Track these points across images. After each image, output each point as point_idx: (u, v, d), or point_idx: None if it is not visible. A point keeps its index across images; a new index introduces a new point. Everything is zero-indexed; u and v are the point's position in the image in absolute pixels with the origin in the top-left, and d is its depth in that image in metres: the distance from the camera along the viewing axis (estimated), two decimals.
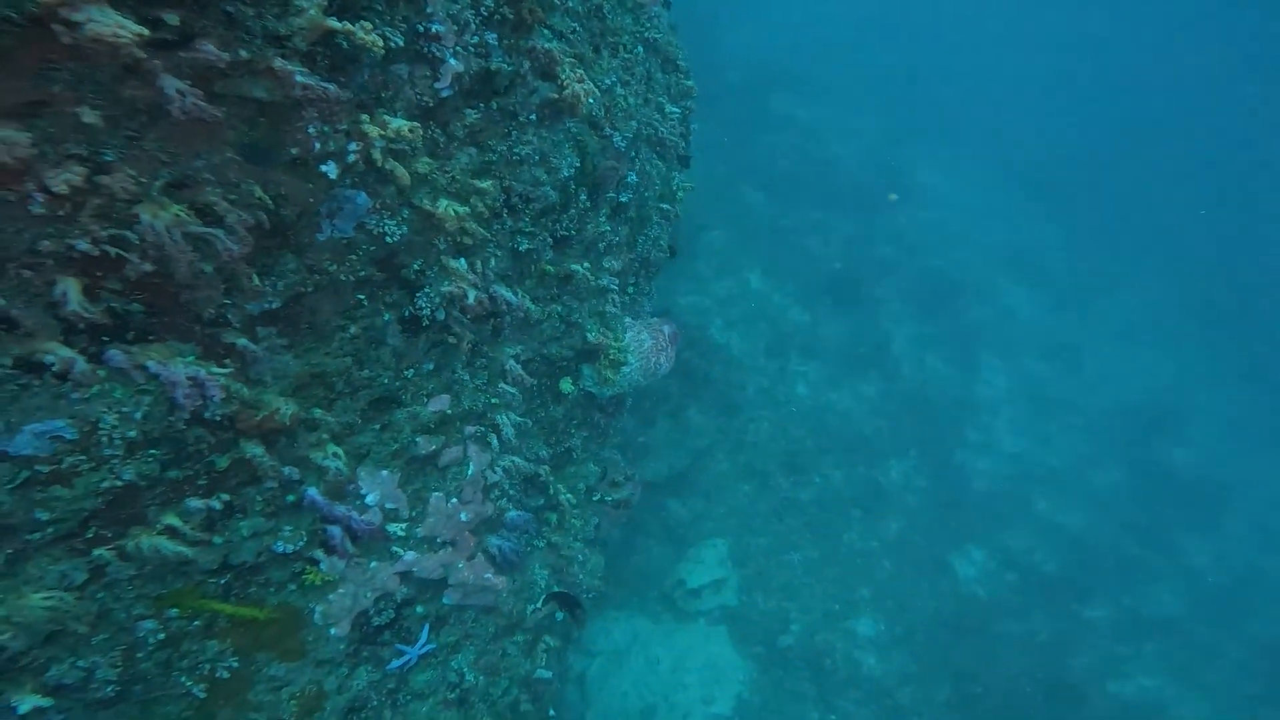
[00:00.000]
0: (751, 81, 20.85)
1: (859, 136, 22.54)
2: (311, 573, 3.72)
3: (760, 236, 17.15)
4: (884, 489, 15.55)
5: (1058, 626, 13.94)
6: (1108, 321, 21.71)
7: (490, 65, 3.85)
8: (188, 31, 2.43)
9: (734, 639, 12.49)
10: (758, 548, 13.85)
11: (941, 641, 13.20)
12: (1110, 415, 18.99)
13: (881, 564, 14.32)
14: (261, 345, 3.22)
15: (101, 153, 2.37)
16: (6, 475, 2.51)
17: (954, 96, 27.11)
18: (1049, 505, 16.64)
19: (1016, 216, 23.54)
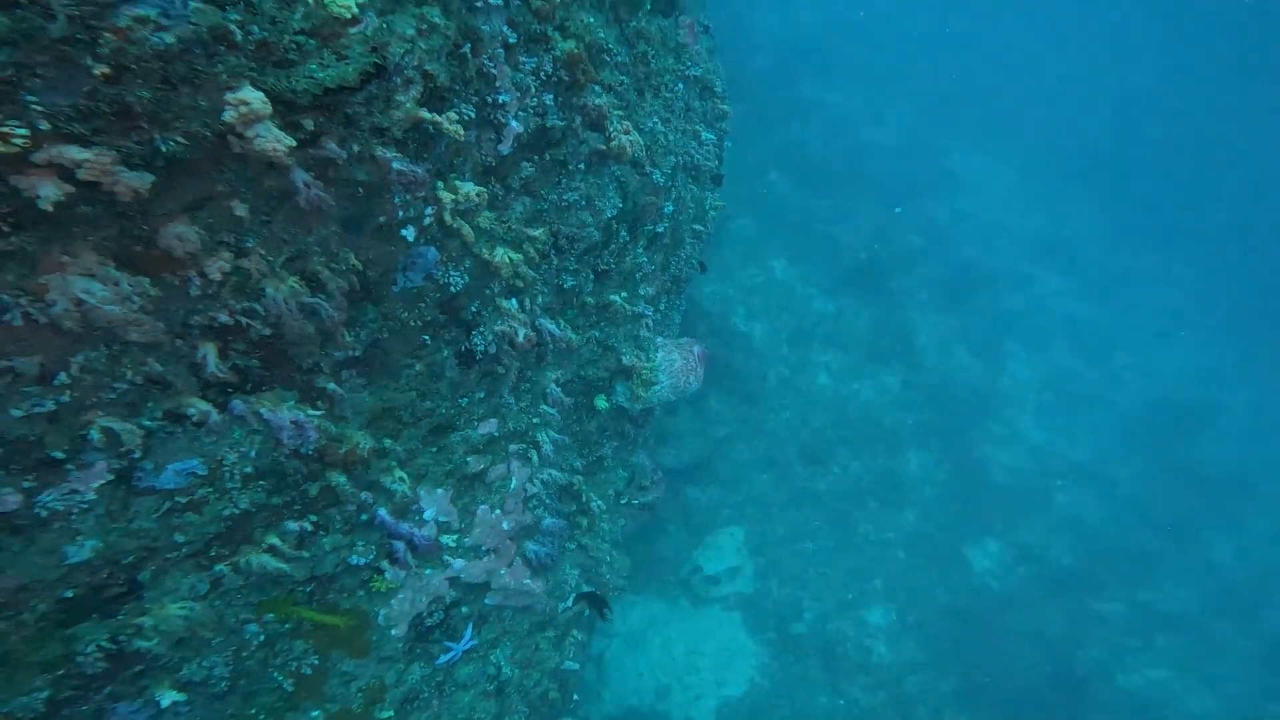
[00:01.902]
0: (782, 65, 20.78)
1: (891, 123, 22.46)
2: (378, 581, 4.38)
3: (787, 224, 17.43)
4: (902, 480, 16.07)
5: (1069, 620, 14.37)
6: (1142, 314, 21.79)
7: (546, 123, 4.34)
8: (317, 131, 2.97)
9: (748, 625, 13.21)
10: (774, 536, 14.48)
11: (952, 632, 13.79)
12: (1139, 409, 19.19)
13: (896, 555, 14.91)
14: (345, 387, 3.82)
15: (245, 239, 2.93)
16: (153, 505, 3.14)
17: (990, 83, 26.74)
18: (1069, 499, 16.97)
19: (1052, 205, 23.46)
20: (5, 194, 2.16)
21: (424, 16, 3.34)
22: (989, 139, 24.20)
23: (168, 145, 2.46)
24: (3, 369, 2.40)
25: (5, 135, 1.99)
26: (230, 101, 2.53)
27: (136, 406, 2.90)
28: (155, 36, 2.28)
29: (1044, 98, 28.03)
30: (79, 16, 2.09)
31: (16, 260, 2.29)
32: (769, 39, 21.44)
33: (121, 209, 2.49)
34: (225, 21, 2.48)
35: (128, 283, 2.52)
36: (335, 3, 2.81)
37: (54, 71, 2.12)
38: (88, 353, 2.60)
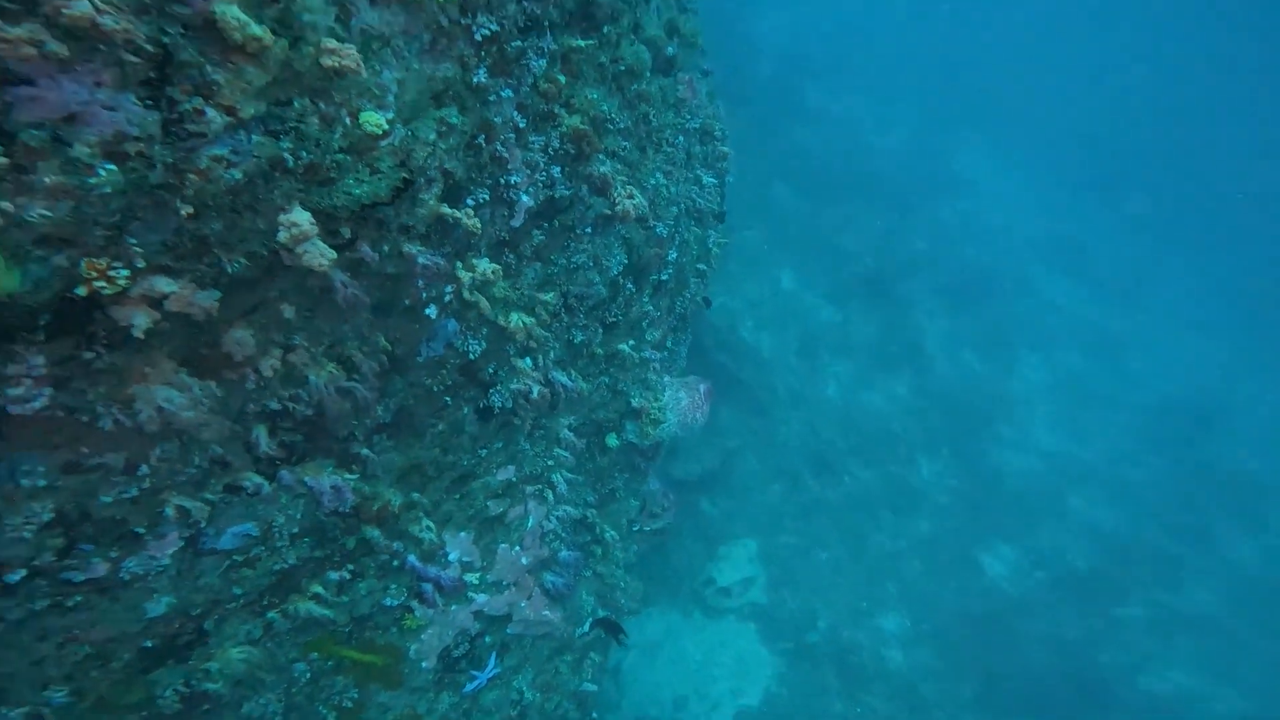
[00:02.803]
0: (783, 73, 21.06)
1: (895, 129, 22.66)
2: (409, 619, 4.83)
3: (792, 234, 17.74)
4: (914, 488, 16.33)
5: (1087, 624, 14.46)
6: (1153, 314, 21.84)
7: (555, 194, 4.76)
8: (353, 236, 3.41)
9: (763, 635, 13.52)
10: (787, 547, 14.77)
11: (968, 639, 13.99)
12: (1153, 410, 19.22)
13: (910, 562, 15.16)
14: (376, 450, 4.26)
15: (292, 336, 3.38)
16: (216, 564, 3.60)
17: (993, 86, 26.84)
18: (1083, 502, 17.03)
19: (1059, 207, 23.57)
20: (105, 323, 2.60)
21: (443, 120, 3.78)
22: (995, 141, 24.36)
23: (233, 266, 2.91)
24: (95, 465, 2.85)
25: (111, 278, 2.44)
26: (283, 223, 2.97)
27: (202, 484, 3.35)
28: (228, 173, 2.72)
29: (1050, 99, 28.12)
30: (173, 164, 2.53)
31: (107, 375, 2.74)
32: (770, 46, 21.72)
33: (193, 323, 2.94)
34: (280, 151, 2.91)
35: (199, 388, 2.96)
36: (369, 121, 3.25)
37: (151, 214, 2.56)
38: (164, 446, 3.06)
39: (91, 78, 2.23)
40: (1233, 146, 28.40)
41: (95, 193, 2.26)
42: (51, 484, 2.68)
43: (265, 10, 2.77)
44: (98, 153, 2.26)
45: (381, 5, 3.33)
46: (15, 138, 2.08)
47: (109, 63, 2.25)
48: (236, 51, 2.62)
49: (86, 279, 2.36)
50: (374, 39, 3.31)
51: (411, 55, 3.56)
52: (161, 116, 2.43)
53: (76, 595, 2.94)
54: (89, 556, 2.92)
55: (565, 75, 4.75)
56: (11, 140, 2.08)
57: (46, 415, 2.54)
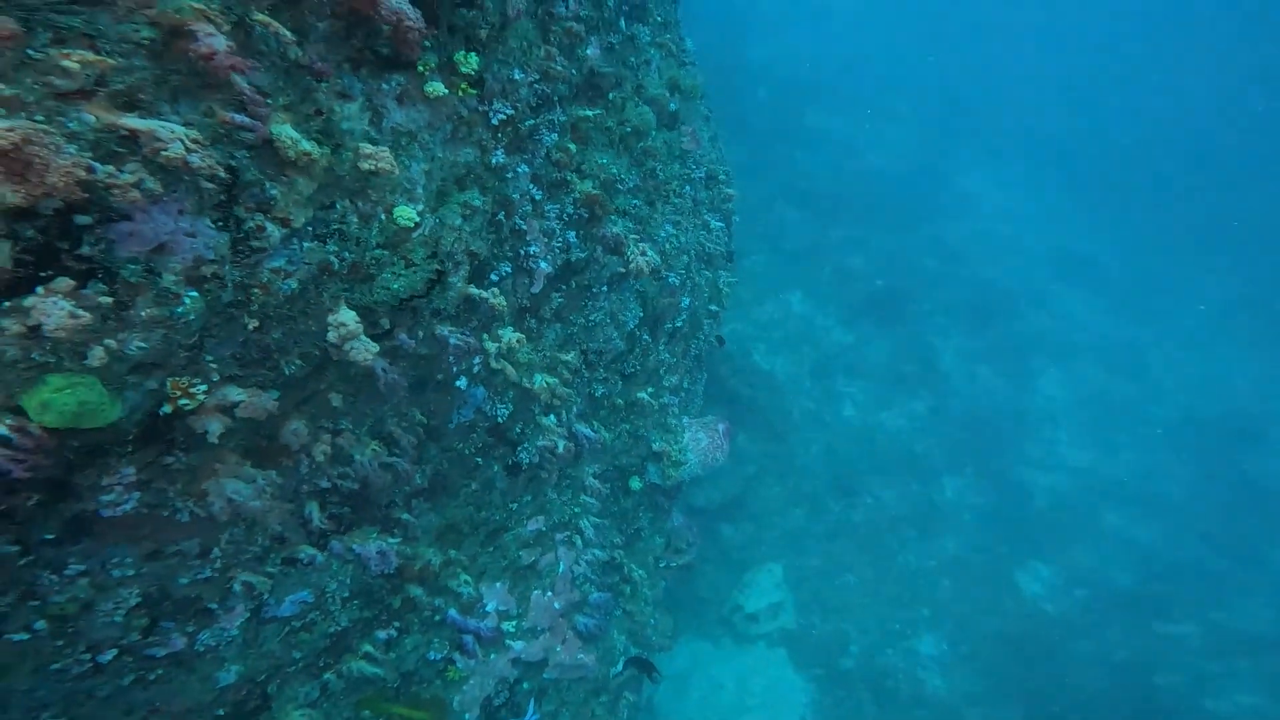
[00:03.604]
0: (782, 97, 21.47)
1: (897, 148, 22.92)
2: (452, 670, 5.10)
3: (800, 257, 18.04)
4: (939, 507, 16.35)
5: (1136, 643, 14.26)
6: (1176, 325, 21.69)
7: (571, 257, 5.11)
8: (391, 326, 3.75)
9: (794, 661, 13.54)
10: (812, 570, 14.83)
11: (1009, 660, 13.81)
12: (1183, 423, 18.94)
13: (940, 583, 15.12)
14: (415, 514, 4.58)
15: (340, 421, 3.72)
16: (277, 631, 3.91)
17: (995, 102, 27.06)
18: (1119, 519, 16.84)
19: (1069, 220, 23.64)
20: (183, 430, 2.94)
21: (467, 203, 4.14)
22: (1000, 156, 24.56)
23: (290, 368, 3.26)
24: (174, 552, 3.18)
25: (192, 394, 2.78)
26: (332, 324, 3.32)
27: (263, 559, 3.67)
28: (285, 284, 3.07)
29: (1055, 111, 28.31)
30: (240, 281, 2.88)
31: (184, 474, 3.08)
32: (767, 71, 22.18)
33: (255, 421, 3.28)
34: (328, 255, 3.27)
35: (261, 478, 3.29)
36: (402, 216, 3.61)
37: (223, 330, 2.91)
38: (232, 530, 3.39)
39: (176, 207, 2.57)
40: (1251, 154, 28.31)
41: (182, 320, 2.60)
42: (137, 571, 3.01)
43: (311, 123, 3.14)
44: (182, 280, 2.61)
45: (408, 104, 3.71)
46: (116, 275, 2.42)
47: (190, 191, 2.59)
48: (290, 166, 2.98)
49: (171, 398, 2.71)
50: (403, 135, 3.68)
51: (435, 145, 3.94)
52: (230, 236, 2.79)
53: (158, 669, 3.26)
54: (169, 633, 3.24)
55: (575, 143, 5.12)
56: (113, 278, 2.42)
57: (134, 514, 2.87)
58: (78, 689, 2.92)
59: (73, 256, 2.24)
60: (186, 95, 2.57)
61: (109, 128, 2.28)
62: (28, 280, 2.13)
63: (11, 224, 2.06)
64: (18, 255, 2.09)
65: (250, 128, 2.75)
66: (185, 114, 2.56)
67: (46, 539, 2.59)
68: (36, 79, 2.12)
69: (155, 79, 2.45)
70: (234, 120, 2.67)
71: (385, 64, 3.50)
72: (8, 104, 2.02)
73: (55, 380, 2.23)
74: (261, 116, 2.79)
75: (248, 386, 3.05)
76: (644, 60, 5.95)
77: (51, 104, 2.15)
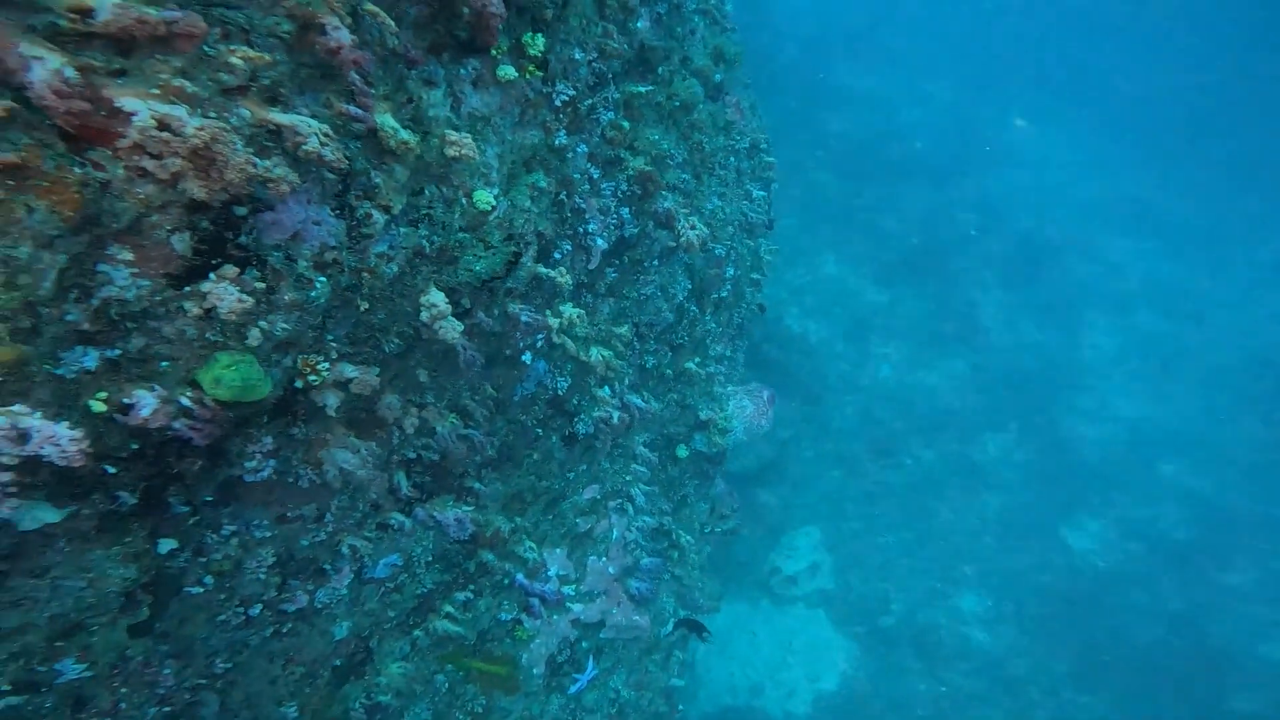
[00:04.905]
0: (810, 54, 21.33)
1: (931, 101, 22.74)
2: (520, 630, 5.67)
3: (831, 218, 18.22)
4: (980, 465, 16.73)
5: (1193, 594, 14.61)
6: (1234, 271, 21.53)
7: (624, 233, 5.50)
8: (471, 306, 4.20)
9: (834, 620, 14.14)
10: (850, 531, 15.36)
11: (1056, 614, 14.23)
12: (1241, 370, 18.87)
13: (983, 540, 15.56)
14: (485, 483, 5.08)
15: (425, 396, 4.19)
16: (374, 591, 4.46)
17: (1034, 48, 26.57)
18: (1175, 469, 17.01)
19: (1120, 167, 23.40)
20: (305, 403, 3.42)
21: (534, 184, 4.53)
22: (1043, 106, 24.24)
23: (389, 346, 3.72)
24: (297, 516, 3.70)
25: (318, 370, 3.24)
26: (424, 304, 3.76)
27: (362, 524, 4.19)
28: (387, 267, 3.50)
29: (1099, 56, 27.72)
30: (355, 266, 3.31)
31: (304, 444, 3.56)
32: (795, 27, 22.01)
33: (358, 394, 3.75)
34: (419, 239, 3.69)
35: (364, 449, 3.78)
36: (481, 200, 4.01)
37: (340, 312, 3.35)
38: (340, 497, 3.90)
39: (305, 197, 2.96)
40: None
41: (314, 303, 3.05)
42: (272, 534, 3.52)
43: (403, 111, 3.51)
44: (311, 266, 3.05)
45: (482, 88, 4.07)
46: (265, 262, 2.85)
47: (316, 182, 2.98)
48: (389, 155, 3.36)
49: (302, 374, 3.18)
50: (478, 120, 4.06)
51: (505, 129, 4.31)
52: (346, 224, 3.20)
53: (288, 623, 3.80)
54: (295, 590, 3.78)
55: (628, 120, 5.46)
56: (264, 264, 2.85)
57: (269, 480, 3.37)
58: (236, 638, 3.46)
59: (235, 245, 2.67)
60: (310, 87, 2.86)
61: (260, 122, 2.58)
62: (202, 268, 2.56)
63: (191, 215, 2.48)
64: (195, 245, 2.52)
65: (361, 119, 3.08)
66: (310, 105, 2.90)
67: (207, 500, 3.09)
68: (210, 75, 2.42)
69: (291, 72, 2.74)
70: (349, 112, 3.01)
71: (462, 48, 3.80)
72: (191, 101, 2.34)
73: (224, 358, 2.69)
74: (368, 107, 3.13)
75: (358, 363, 3.51)
76: (690, 30, 6.24)
77: (220, 100, 2.46)
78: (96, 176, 2.15)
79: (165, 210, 2.35)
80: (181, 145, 2.22)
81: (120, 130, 2.16)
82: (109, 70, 2.18)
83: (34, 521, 2.41)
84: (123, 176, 2.20)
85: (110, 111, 2.14)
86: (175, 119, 2.21)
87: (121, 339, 2.37)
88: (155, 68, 2.28)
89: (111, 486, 2.64)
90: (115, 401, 2.39)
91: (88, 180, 2.11)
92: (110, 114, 2.14)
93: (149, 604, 2.99)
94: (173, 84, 2.29)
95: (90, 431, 2.28)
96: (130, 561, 2.80)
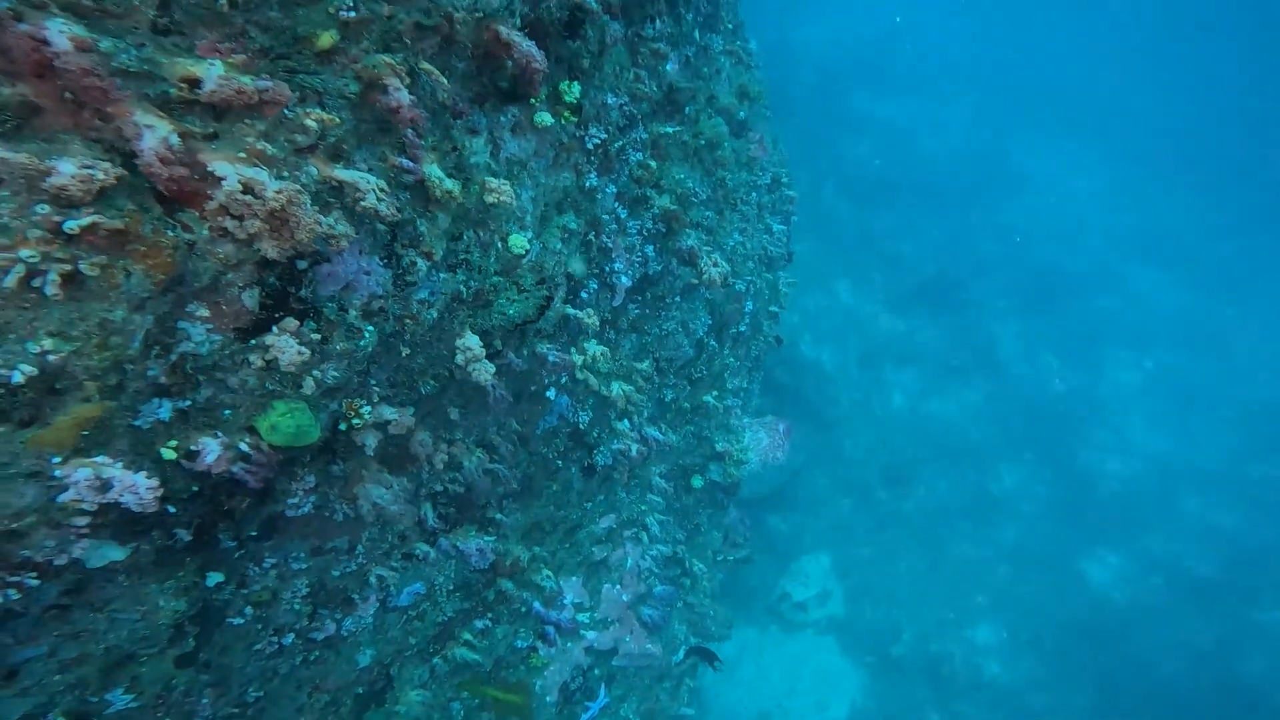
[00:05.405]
0: (829, 80, 21.47)
1: (950, 129, 22.84)
2: (534, 658, 5.83)
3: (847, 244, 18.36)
4: (995, 496, 16.74)
5: (1220, 629, 14.46)
6: (1261, 305, 21.46)
7: (649, 270, 5.70)
8: (503, 347, 4.40)
9: (844, 648, 14.13)
10: (861, 559, 15.37)
11: (1076, 646, 14.12)
12: (1269, 407, 18.82)
13: (998, 571, 15.50)
14: (506, 513, 5.27)
15: (454, 432, 4.39)
16: (397, 619, 4.64)
17: (1054, 76, 26.70)
18: (1199, 504, 16.90)
19: (1144, 197, 23.40)
20: (345, 442, 3.62)
21: (565, 226, 4.74)
22: (1061, 135, 24.32)
23: (425, 387, 3.92)
24: (331, 548, 3.89)
25: (361, 414, 3.44)
26: (459, 348, 3.96)
27: (389, 555, 4.38)
28: (427, 313, 3.71)
29: (1121, 84, 27.78)
30: (399, 314, 3.51)
31: (340, 480, 3.76)
32: (813, 53, 22.19)
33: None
34: (458, 284, 3.89)
35: (396, 484, 3.98)
36: (516, 244, 4.22)
37: (383, 357, 3.56)
38: (371, 530, 4.09)
39: (358, 248, 3.16)
40: None
41: (362, 351, 3.26)
42: (308, 565, 3.72)
43: (448, 159, 3.71)
44: (360, 315, 3.25)
45: (520, 134, 4.28)
46: (321, 313, 3.05)
47: (368, 233, 3.18)
48: (434, 203, 3.55)
49: (346, 417, 3.38)
50: (515, 165, 4.27)
51: (540, 172, 4.53)
52: (393, 273, 3.40)
53: (316, 650, 3.99)
54: (324, 619, 3.97)
55: (655, 160, 5.67)
56: (319, 315, 3.05)
57: (308, 515, 3.57)
58: (268, 666, 3.64)
59: (296, 298, 2.88)
60: (367, 140, 3.03)
61: (325, 179, 2.77)
62: (266, 321, 2.77)
63: (261, 272, 2.68)
64: (263, 299, 2.72)
65: (412, 170, 3.27)
66: (367, 160, 3.09)
67: (252, 535, 3.29)
68: (287, 136, 2.62)
69: (353, 130, 2.93)
70: (401, 165, 3.21)
71: (504, 97, 4.01)
72: (270, 162, 2.53)
73: (280, 406, 2.89)
74: (418, 159, 3.34)
75: (396, 404, 3.71)
76: (716, 70, 6.46)
77: (294, 159, 2.67)
78: (185, 238, 2.35)
79: (239, 268, 2.56)
80: (261, 208, 2.42)
81: (210, 192, 2.36)
82: (204, 134, 2.39)
83: (101, 560, 2.61)
84: (207, 237, 2.41)
85: (202, 175, 2.35)
86: (259, 183, 2.40)
87: (193, 390, 2.58)
88: (243, 131, 2.49)
89: (170, 525, 2.84)
90: (183, 449, 2.60)
91: (178, 243, 2.31)
92: (202, 177, 2.35)
93: (195, 635, 3.18)
94: (256, 147, 2.50)
95: (160, 477, 2.48)
96: (181, 595, 3.00)
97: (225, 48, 2.46)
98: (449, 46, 3.43)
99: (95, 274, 2.10)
